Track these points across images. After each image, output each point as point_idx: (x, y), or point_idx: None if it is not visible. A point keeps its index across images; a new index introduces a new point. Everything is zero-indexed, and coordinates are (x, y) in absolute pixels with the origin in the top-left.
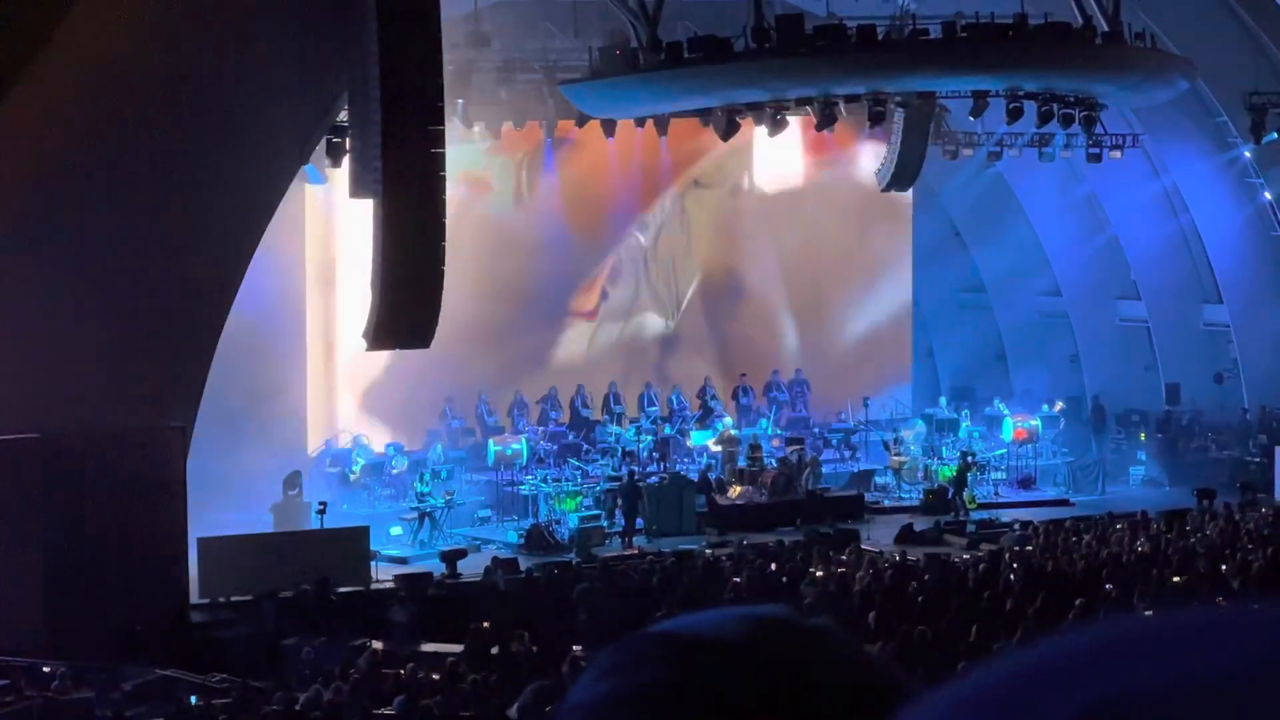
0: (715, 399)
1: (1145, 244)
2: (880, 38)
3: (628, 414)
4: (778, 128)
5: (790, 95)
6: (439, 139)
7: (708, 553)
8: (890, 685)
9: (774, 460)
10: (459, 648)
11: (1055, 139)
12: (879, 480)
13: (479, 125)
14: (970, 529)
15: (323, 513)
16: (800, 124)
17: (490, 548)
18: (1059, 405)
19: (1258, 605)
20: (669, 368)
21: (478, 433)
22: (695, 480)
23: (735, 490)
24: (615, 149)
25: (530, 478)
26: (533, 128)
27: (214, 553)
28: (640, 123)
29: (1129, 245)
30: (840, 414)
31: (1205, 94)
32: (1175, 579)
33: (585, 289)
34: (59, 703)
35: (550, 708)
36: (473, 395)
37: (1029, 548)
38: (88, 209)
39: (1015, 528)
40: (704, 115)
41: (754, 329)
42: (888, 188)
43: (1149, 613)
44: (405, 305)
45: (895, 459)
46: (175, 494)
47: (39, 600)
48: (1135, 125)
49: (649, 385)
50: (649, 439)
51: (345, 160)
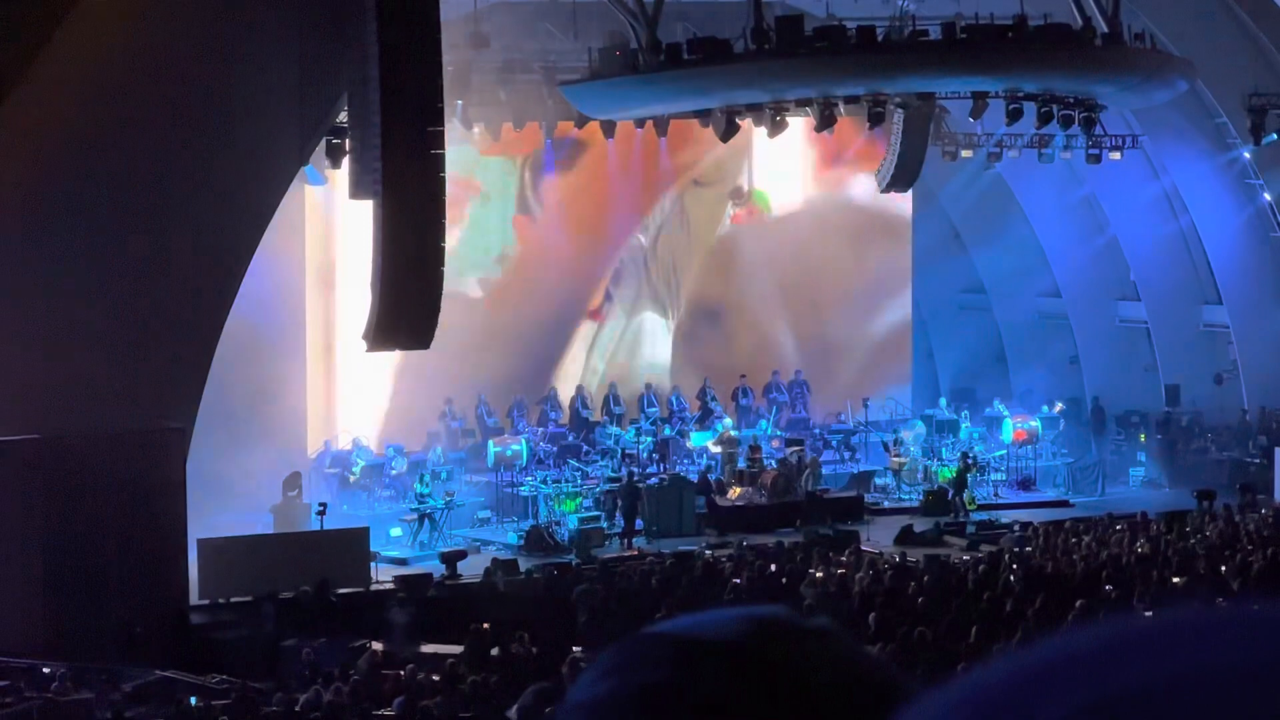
0: (715, 400)
1: (1145, 245)
2: (880, 39)
3: (628, 415)
4: (777, 129)
5: (790, 96)
6: (438, 140)
7: (707, 554)
8: (890, 686)
9: (774, 461)
10: (459, 649)
11: (1055, 140)
12: (879, 481)
13: (478, 126)
14: (970, 530)
15: (323, 514)
16: (801, 124)
17: (490, 549)
18: (1059, 406)
19: (1254, 605)
20: (669, 369)
21: (477, 434)
22: (695, 481)
23: (735, 491)
24: (615, 150)
25: (530, 479)
26: (532, 129)
27: (214, 554)
28: (640, 124)
29: (1129, 246)
30: (840, 415)
31: (1205, 95)
32: (1175, 580)
33: (586, 290)
34: (59, 703)
35: (550, 709)
36: (472, 396)
37: (1029, 549)
38: (88, 210)
39: (1015, 529)
40: (703, 116)
41: (754, 330)
42: (887, 189)
43: (1147, 613)
44: (405, 306)
45: (895, 460)
46: (175, 495)
47: (39, 601)
48: (1135, 126)
49: (649, 386)
50: (649, 440)
51: (345, 161)
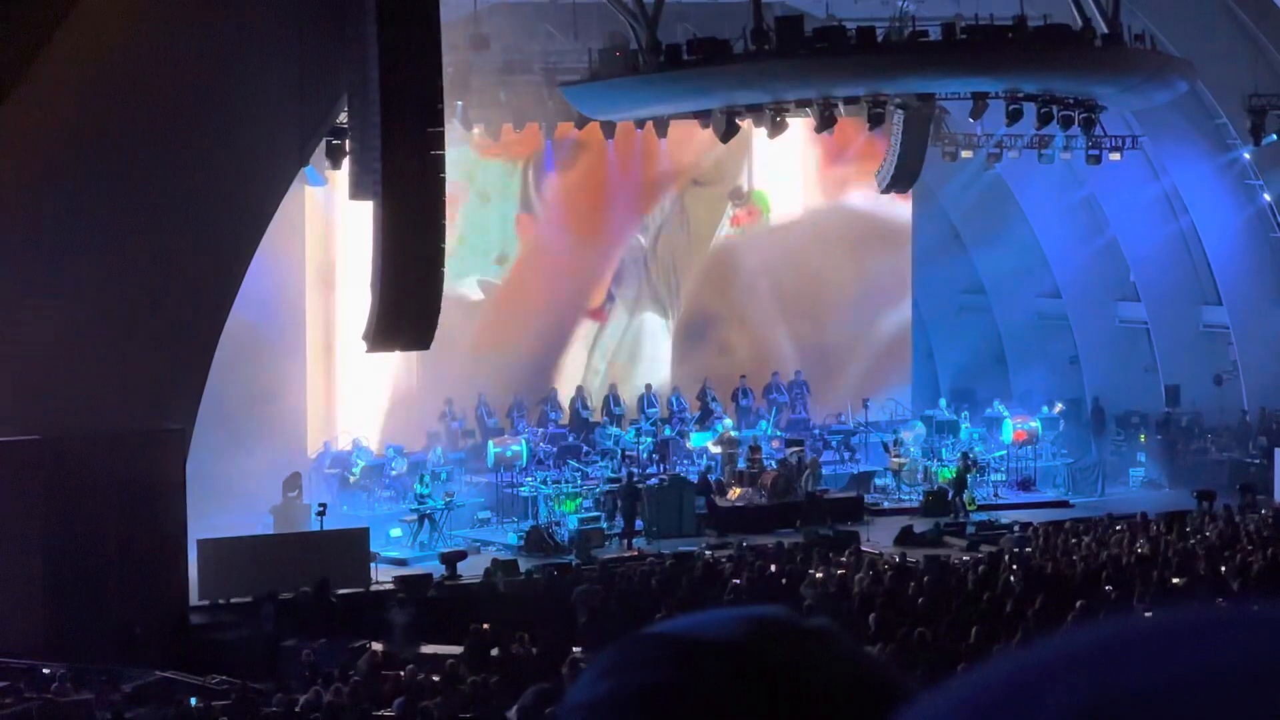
0: (715, 400)
1: (1145, 246)
2: (880, 39)
3: (628, 415)
4: (777, 129)
5: (789, 97)
6: (438, 141)
7: (707, 554)
8: (889, 686)
9: (774, 462)
10: (459, 649)
11: (1055, 141)
12: (879, 482)
13: (478, 127)
14: (970, 531)
15: (322, 514)
16: (801, 125)
17: (490, 549)
18: (1059, 407)
19: (1251, 605)
20: (669, 369)
21: (477, 434)
22: (695, 482)
23: (735, 492)
24: (615, 150)
25: (530, 479)
26: (532, 129)
27: (214, 554)
28: (640, 124)
29: (1128, 247)
30: (840, 415)
31: (1205, 96)
32: (1175, 580)
33: (586, 290)
34: (58, 704)
35: (550, 710)
36: (472, 397)
37: (1028, 549)
38: (88, 211)
39: (1015, 529)
40: (703, 117)
41: (754, 331)
42: (887, 189)
43: (1146, 614)
44: (405, 307)
45: (895, 461)
46: (175, 495)
47: (39, 602)
48: (1135, 127)
49: (649, 387)
50: (649, 440)
51: (345, 162)
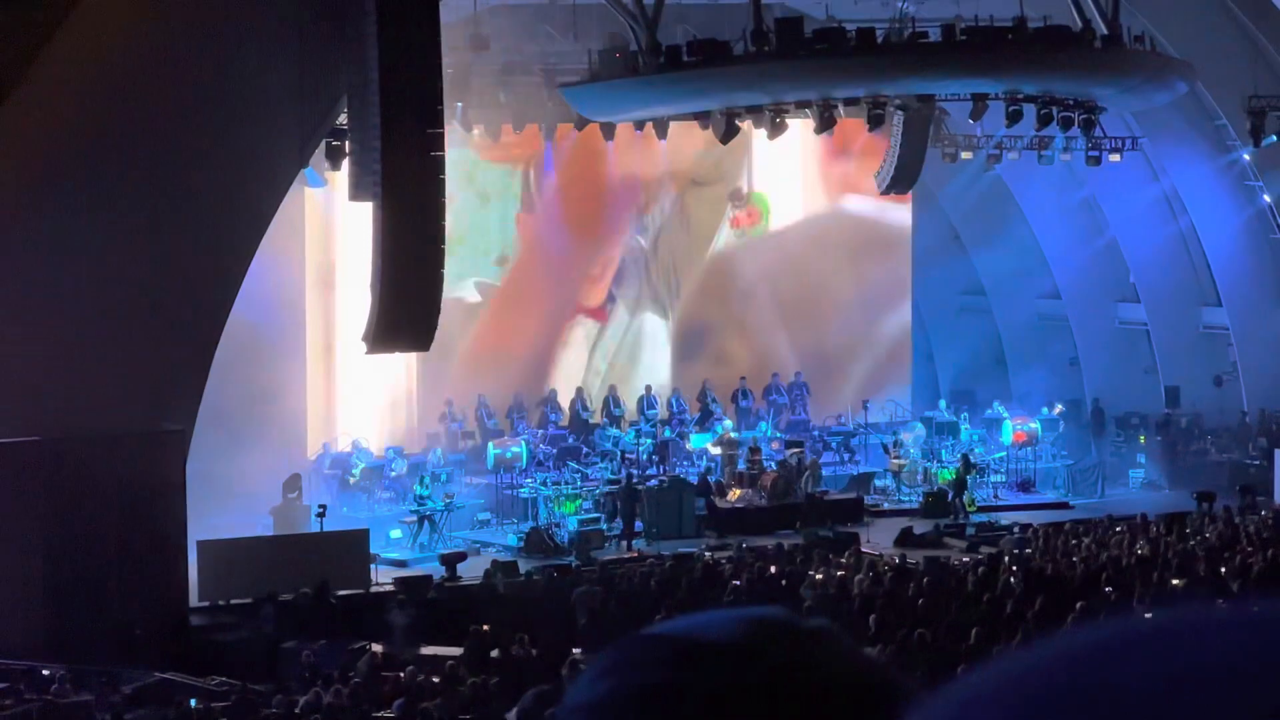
0: (715, 402)
1: (1145, 247)
2: (879, 41)
3: (627, 417)
4: (777, 131)
5: (789, 98)
6: (438, 142)
7: (707, 556)
8: (888, 686)
9: (773, 463)
10: (458, 651)
11: (1054, 142)
12: (878, 483)
13: (478, 128)
14: (970, 532)
15: (322, 516)
16: (801, 125)
17: (490, 551)
18: (1058, 408)
19: (1245, 605)
20: (669, 370)
21: (477, 435)
22: (695, 483)
23: (735, 493)
24: (615, 151)
25: (530, 481)
26: (532, 130)
27: (213, 555)
28: (639, 126)
29: (1128, 248)
30: (840, 417)
31: (1204, 97)
32: (1175, 582)
33: (587, 292)
34: (58, 705)
35: (550, 711)
36: (472, 398)
37: (1028, 551)
38: (88, 212)
39: (1015, 531)
40: (703, 118)
41: (754, 332)
42: (887, 190)
43: (1146, 614)
44: (404, 308)
45: (895, 462)
46: (175, 497)
47: (39, 602)
48: (1134, 128)
49: (649, 388)
50: (649, 442)
51: (345, 163)
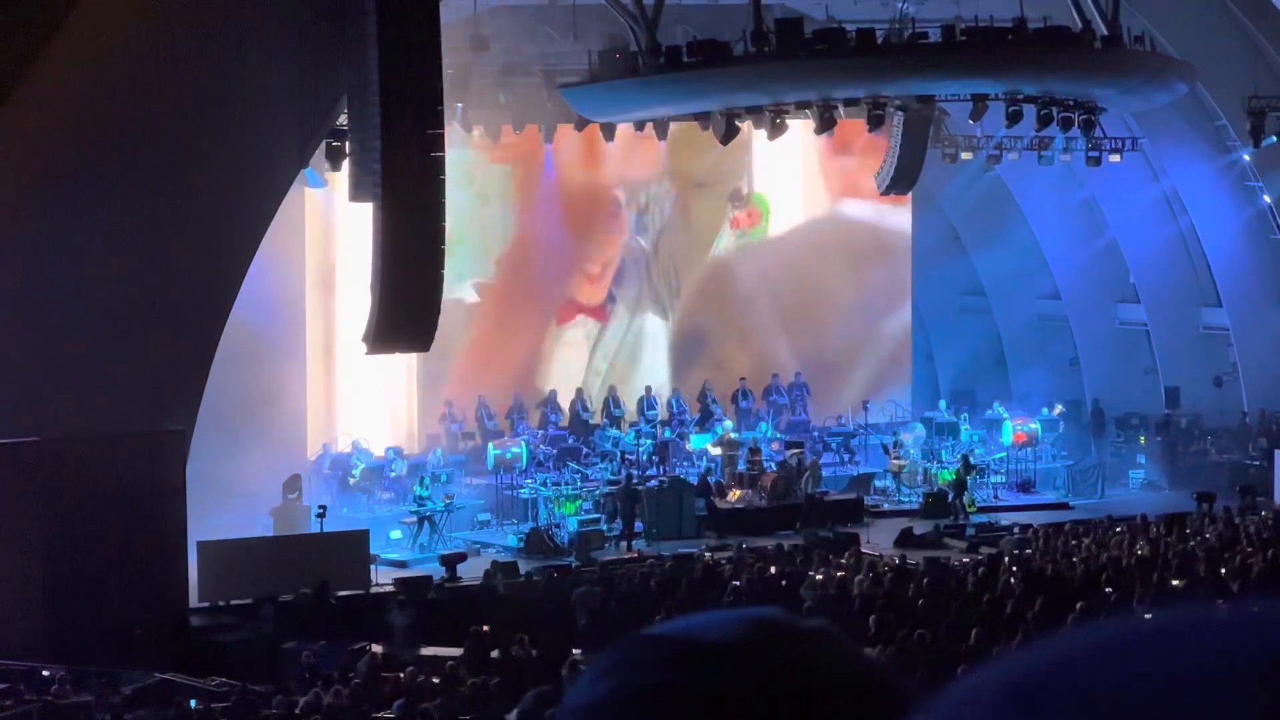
0: (715, 402)
1: (1145, 247)
2: (879, 41)
3: (627, 418)
4: (777, 131)
5: (789, 99)
6: (438, 143)
7: (707, 556)
8: (887, 687)
9: (773, 464)
10: (458, 651)
11: (1054, 142)
12: (878, 484)
13: (478, 129)
14: (970, 532)
15: (322, 516)
16: (801, 126)
17: (490, 551)
18: (1058, 408)
19: (1233, 605)
20: (669, 371)
21: (477, 436)
22: (695, 484)
23: (735, 494)
24: (615, 152)
25: (530, 481)
26: (532, 131)
27: (214, 556)
28: (639, 126)
29: (1128, 248)
30: (840, 417)
31: (1204, 97)
32: (1175, 582)
33: (587, 293)
34: (58, 706)
35: (550, 712)
36: (472, 399)
37: (1028, 551)
38: (88, 213)
39: (1015, 531)
40: (703, 119)
41: (754, 332)
42: (887, 190)
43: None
44: (405, 309)
45: (895, 462)
46: (175, 497)
47: (38, 603)
48: (1134, 129)
49: (649, 389)
50: (649, 442)
51: (345, 164)
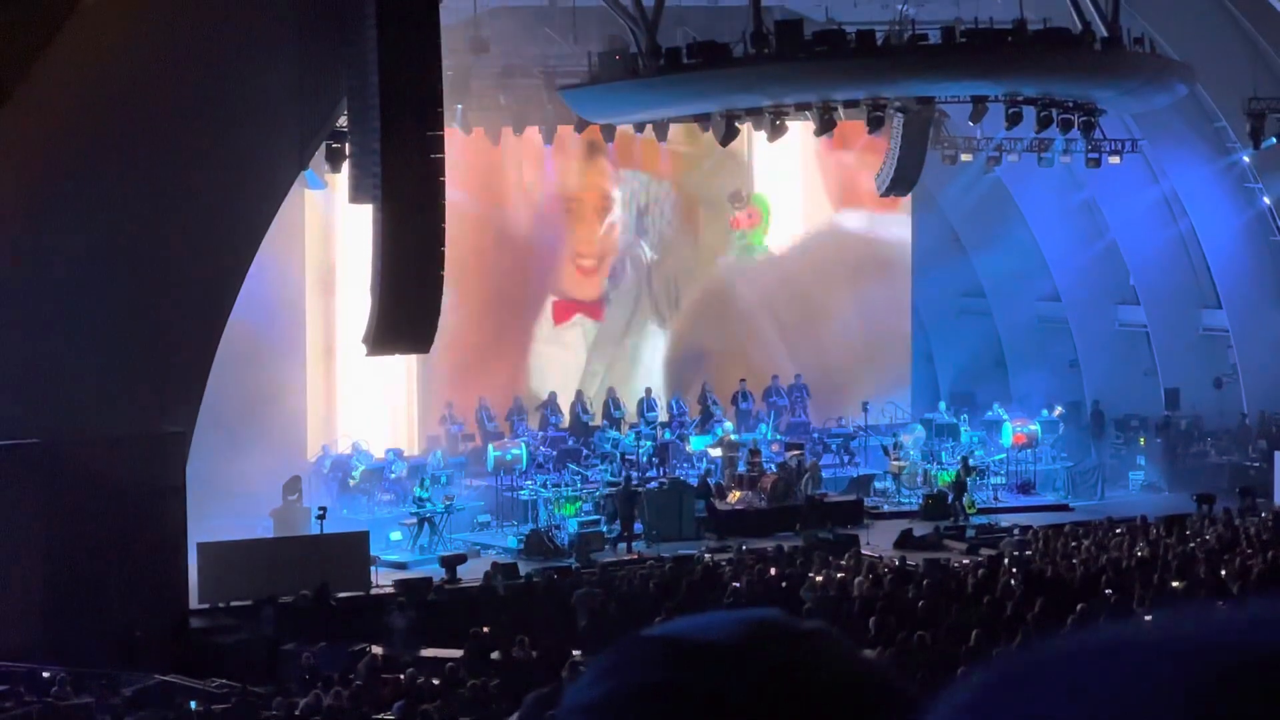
0: (715, 404)
1: (1144, 249)
2: (879, 43)
3: (627, 419)
4: (777, 133)
5: (789, 101)
6: (438, 144)
7: (707, 558)
8: (885, 688)
9: (773, 465)
10: (459, 653)
11: (1054, 144)
12: (878, 485)
13: (478, 130)
14: (970, 534)
15: (322, 518)
16: (801, 127)
17: (490, 553)
18: (1058, 410)
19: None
20: (669, 373)
21: (477, 438)
22: (695, 485)
23: (735, 495)
24: (614, 153)
25: (530, 483)
26: (532, 133)
27: (214, 558)
28: (639, 128)
29: (1128, 250)
30: (840, 419)
31: (1204, 99)
32: (1175, 584)
33: (586, 295)
34: (58, 708)
35: (550, 713)
36: (472, 400)
37: (1028, 553)
38: (87, 214)
39: (1015, 533)
40: (703, 121)
41: (754, 334)
42: (887, 192)
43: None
44: (405, 310)
45: (895, 464)
46: (175, 499)
47: (38, 605)
48: (1134, 130)
49: (649, 391)
50: (649, 444)
51: (345, 166)
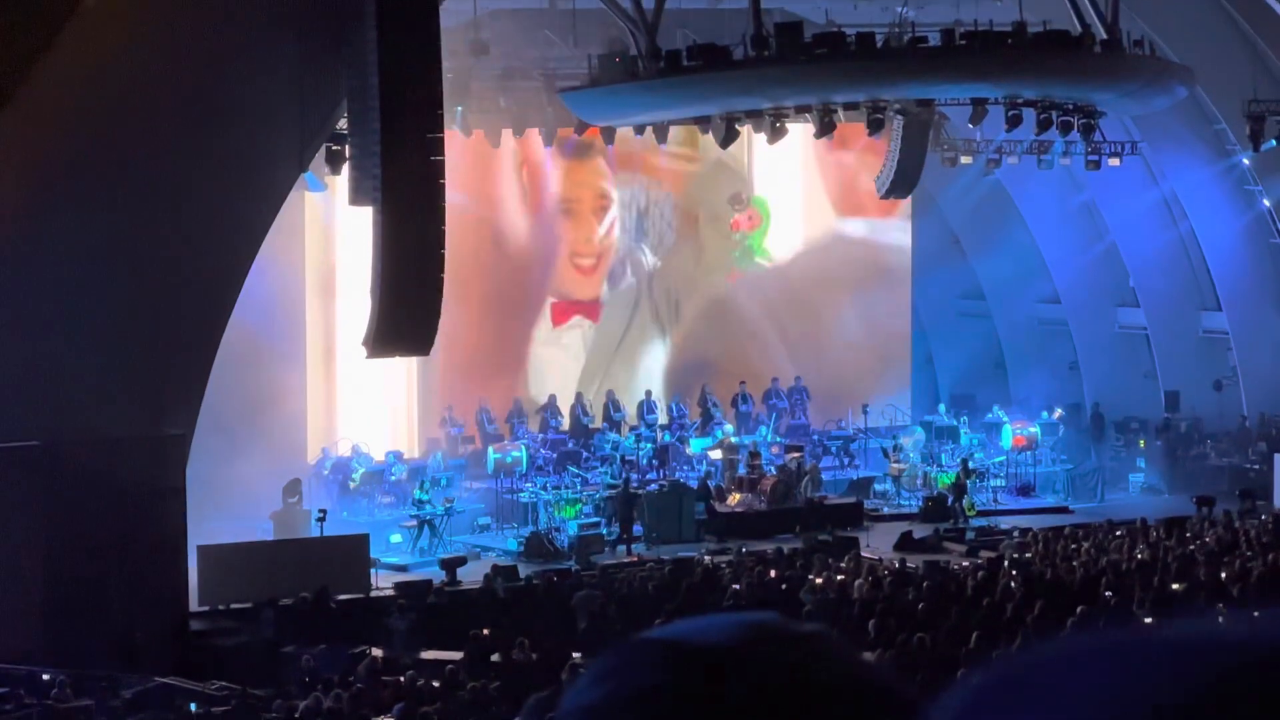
0: (716, 406)
1: (1144, 251)
2: (879, 45)
3: (628, 421)
4: (777, 135)
5: (789, 103)
6: (438, 146)
7: (707, 560)
8: (883, 690)
9: (773, 467)
10: (459, 655)
11: (1054, 146)
12: (878, 487)
13: (478, 133)
14: (969, 536)
15: (323, 520)
16: (801, 129)
17: (490, 555)
18: (1058, 412)
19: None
20: (669, 375)
21: (477, 440)
22: (695, 487)
23: (735, 497)
24: (614, 156)
25: (530, 485)
26: (532, 135)
27: (214, 560)
28: (639, 130)
29: (1128, 252)
30: (839, 421)
31: (1204, 101)
32: (1175, 586)
33: (585, 294)
34: (58, 710)
35: (550, 716)
36: (472, 403)
37: (1028, 555)
38: (87, 217)
39: (1014, 535)
40: (703, 123)
41: (754, 337)
42: (887, 195)
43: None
44: (405, 313)
45: (894, 466)
46: (175, 501)
47: (38, 608)
48: (1134, 132)
49: (649, 393)
50: (649, 446)
51: (345, 168)
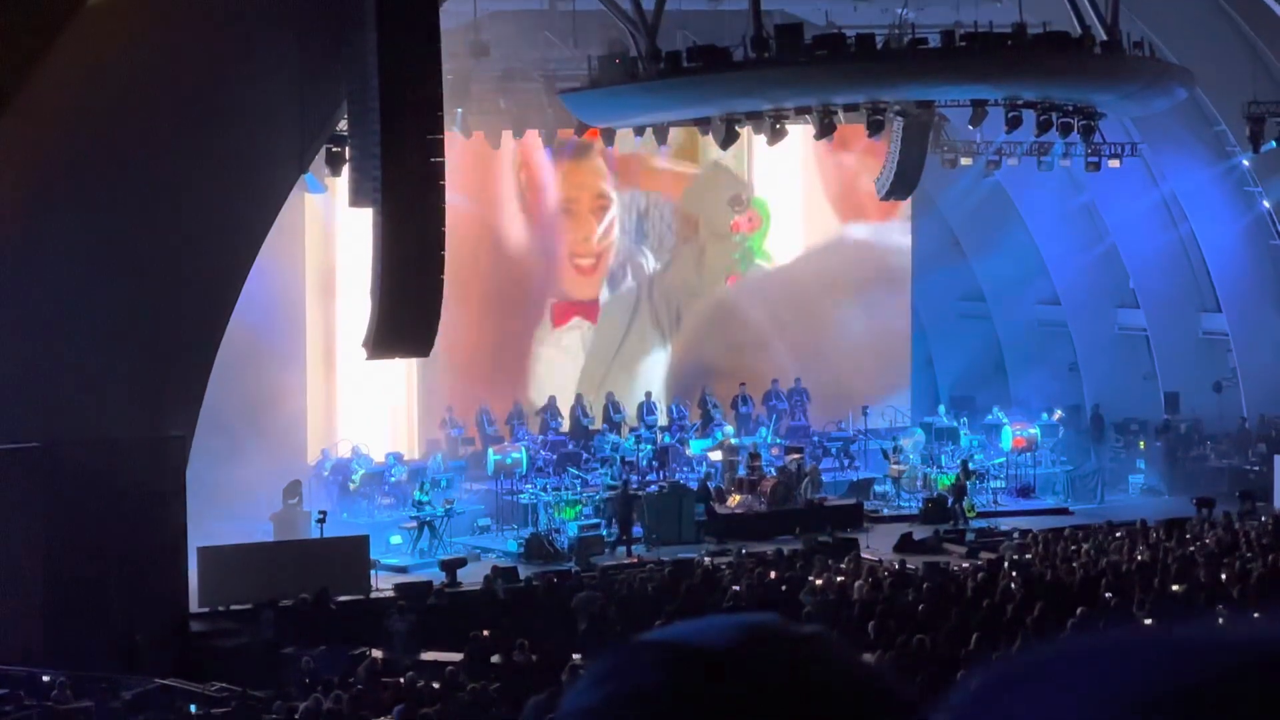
0: (716, 407)
1: (1144, 253)
2: (879, 47)
3: (628, 423)
4: (777, 137)
5: (789, 104)
6: (438, 148)
7: (707, 561)
8: (882, 691)
9: (773, 469)
10: (458, 657)
11: (1054, 148)
12: (878, 489)
13: (478, 134)
14: (969, 538)
15: (322, 522)
16: (800, 131)
17: (490, 556)
18: (1058, 414)
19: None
20: (669, 376)
21: (477, 441)
22: (695, 489)
23: (734, 499)
24: (614, 157)
25: (530, 487)
26: (532, 136)
27: (214, 562)
28: (640, 132)
29: (1128, 254)
30: (839, 423)
31: (1204, 103)
32: (1174, 587)
33: (584, 295)
34: (58, 712)
35: (549, 717)
36: (472, 404)
37: (1028, 556)
38: (87, 217)
39: (1014, 536)
40: (703, 124)
41: (753, 337)
42: (887, 196)
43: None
44: (405, 314)
45: (894, 468)
46: (175, 503)
47: (38, 609)
48: (1134, 134)
49: (649, 394)
50: (649, 448)
51: (345, 169)
